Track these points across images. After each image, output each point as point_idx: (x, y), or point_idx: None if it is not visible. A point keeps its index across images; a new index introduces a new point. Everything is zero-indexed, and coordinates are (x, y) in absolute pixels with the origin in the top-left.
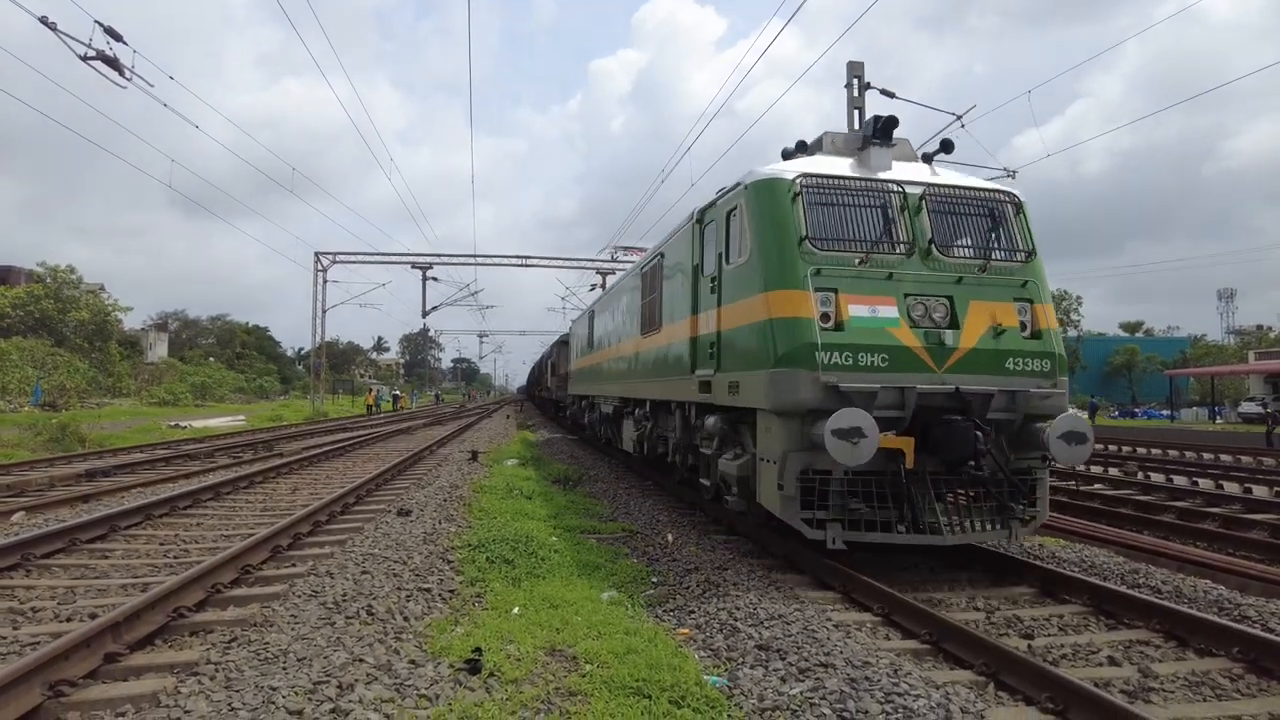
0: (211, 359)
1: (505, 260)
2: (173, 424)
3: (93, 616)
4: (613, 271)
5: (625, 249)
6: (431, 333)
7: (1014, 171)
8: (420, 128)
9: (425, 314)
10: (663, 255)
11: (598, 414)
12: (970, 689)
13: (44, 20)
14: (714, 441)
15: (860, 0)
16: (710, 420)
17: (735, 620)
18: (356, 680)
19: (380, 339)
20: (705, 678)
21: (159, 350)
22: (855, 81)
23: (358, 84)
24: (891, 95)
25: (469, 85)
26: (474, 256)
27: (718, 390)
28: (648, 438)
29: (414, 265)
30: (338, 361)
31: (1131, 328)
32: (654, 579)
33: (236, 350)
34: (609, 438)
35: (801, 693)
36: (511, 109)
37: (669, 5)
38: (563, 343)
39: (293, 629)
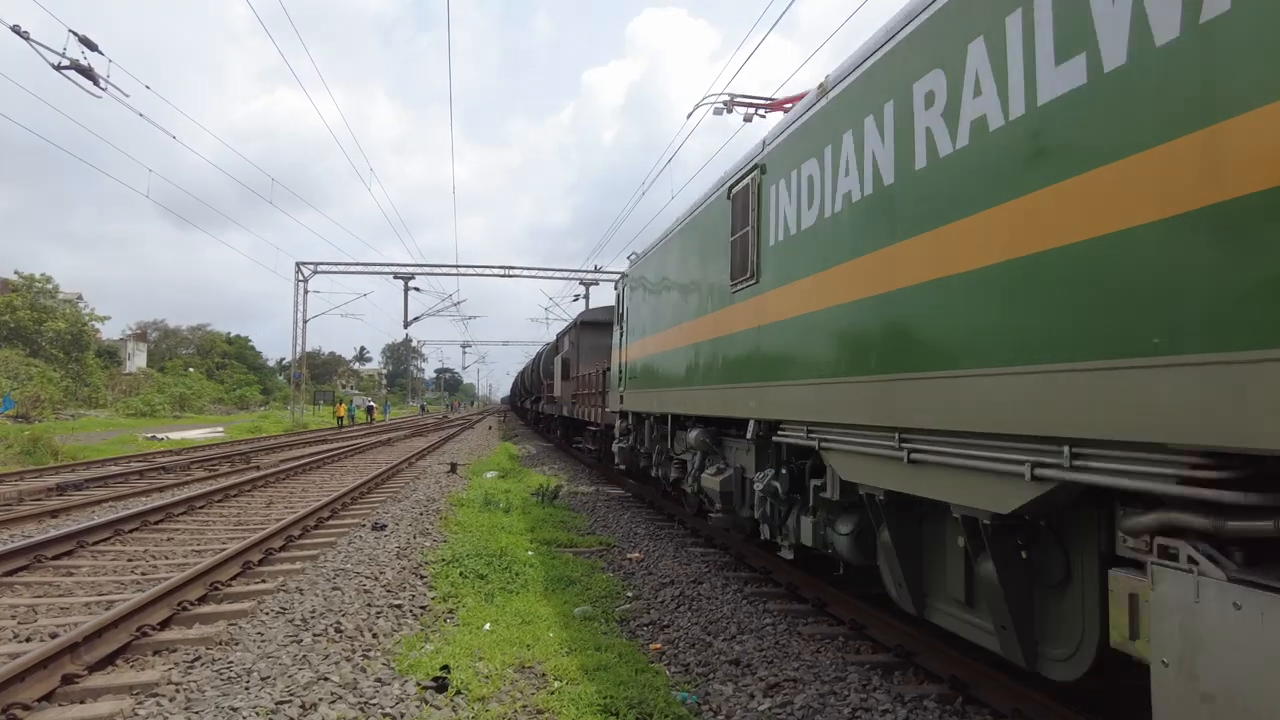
0: (191, 369)
1: (488, 271)
2: (149, 435)
3: (53, 636)
4: (596, 283)
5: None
6: (414, 343)
7: None
8: (414, 139)
9: (407, 324)
10: None
11: (777, 484)
12: (938, 703)
13: (15, 29)
14: None
15: (849, 12)
16: None
17: (708, 635)
18: (320, 700)
19: (363, 349)
20: (674, 694)
21: (138, 360)
22: None
23: (355, 95)
24: None
25: (449, 91)
26: (456, 267)
27: None
28: None
29: (396, 275)
30: (319, 372)
31: None
32: (629, 593)
33: (217, 360)
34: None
35: (769, 708)
36: (505, 121)
37: (662, 15)
38: (586, 326)
39: (258, 647)
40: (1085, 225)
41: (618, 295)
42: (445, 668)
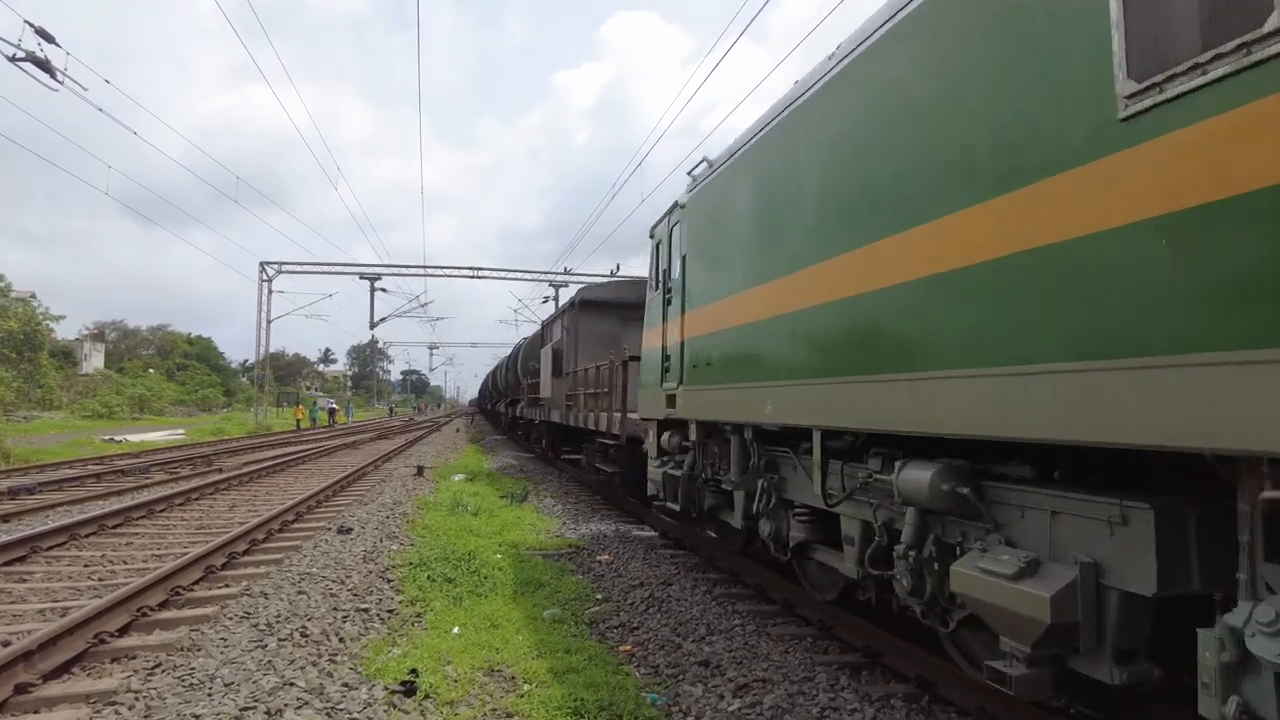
0: (151, 370)
1: (456, 271)
2: (107, 438)
3: (5, 644)
4: (566, 285)
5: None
6: (380, 344)
7: None
8: (384, 139)
9: (373, 325)
10: None
11: None
12: (905, 702)
13: None
14: None
15: (821, 16)
16: None
17: (678, 636)
18: (286, 705)
19: (328, 350)
20: (644, 695)
21: (95, 361)
22: None
23: (326, 94)
24: None
25: (418, 91)
26: (424, 268)
27: None
28: None
29: (362, 276)
30: (284, 374)
31: None
32: (598, 596)
33: (178, 361)
34: None
35: (739, 709)
36: (477, 122)
37: (635, 19)
38: (588, 307)
39: (222, 653)
40: None
41: (655, 246)
42: (413, 671)
